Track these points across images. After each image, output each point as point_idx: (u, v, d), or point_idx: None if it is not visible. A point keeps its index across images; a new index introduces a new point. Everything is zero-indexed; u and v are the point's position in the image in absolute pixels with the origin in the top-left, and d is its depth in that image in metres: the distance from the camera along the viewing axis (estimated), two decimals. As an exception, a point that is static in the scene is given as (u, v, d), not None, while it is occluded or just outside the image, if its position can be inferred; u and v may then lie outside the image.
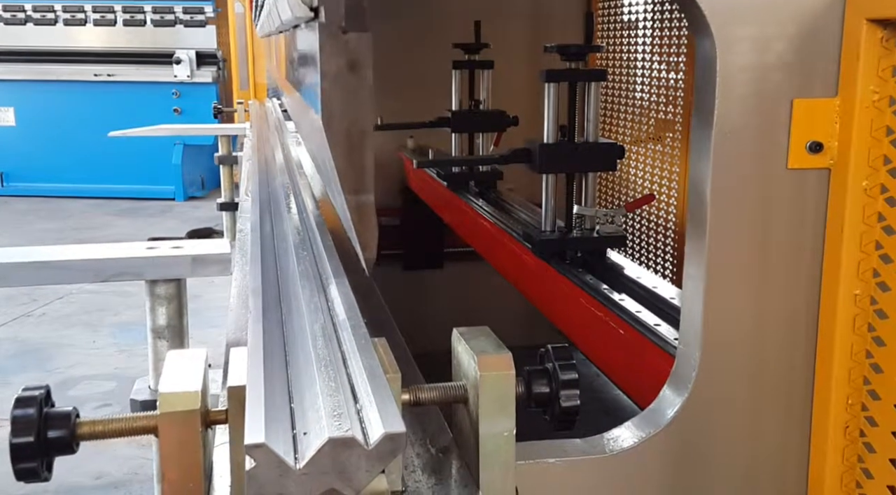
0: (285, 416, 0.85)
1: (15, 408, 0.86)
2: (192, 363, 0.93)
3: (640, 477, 1.24)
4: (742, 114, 1.19)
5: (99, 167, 10.19)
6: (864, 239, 1.18)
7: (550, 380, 0.99)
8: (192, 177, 10.38)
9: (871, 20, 1.12)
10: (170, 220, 9.21)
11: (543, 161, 2.17)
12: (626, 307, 1.89)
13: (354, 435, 0.77)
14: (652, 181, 3.30)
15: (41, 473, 0.87)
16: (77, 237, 8.31)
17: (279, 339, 1.06)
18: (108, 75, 10.10)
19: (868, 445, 1.20)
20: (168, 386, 0.87)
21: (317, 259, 1.36)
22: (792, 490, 1.27)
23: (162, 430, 0.85)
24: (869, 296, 1.18)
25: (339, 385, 0.90)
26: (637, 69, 3.42)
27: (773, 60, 1.18)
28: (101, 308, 5.84)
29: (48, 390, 0.89)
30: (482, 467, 0.96)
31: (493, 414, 0.95)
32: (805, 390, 1.25)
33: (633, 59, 3.45)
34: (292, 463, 0.76)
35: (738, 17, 1.16)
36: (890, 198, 1.15)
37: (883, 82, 1.14)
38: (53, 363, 4.97)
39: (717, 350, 1.24)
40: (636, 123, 3.44)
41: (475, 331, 1.02)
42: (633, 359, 1.82)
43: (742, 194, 1.21)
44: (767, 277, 1.23)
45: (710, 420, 1.25)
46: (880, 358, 1.17)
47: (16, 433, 0.85)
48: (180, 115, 10.11)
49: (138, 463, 3.80)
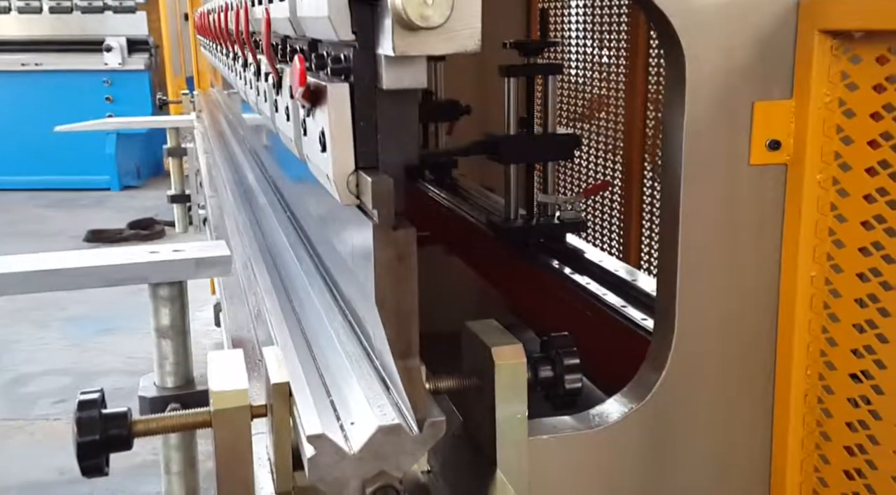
0: (329, 408, 0.94)
1: (78, 411, 0.93)
2: (233, 363, 1.01)
3: (625, 448, 1.37)
4: (709, 115, 1.31)
5: (31, 159, 9.96)
6: (819, 226, 1.32)
7: (554, 366, 1.11)
8: (126, 167, 10.23)
9: (822, 31, 1.25)
10: (106, 211, 9.07)
11: (508, 152, 2.27)
12: (591, 290, 2.01)
13: (401, 423, 0.87)
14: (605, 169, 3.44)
15: (103, 468, 0.95)
16: (17, 231, 8.15)
17: (301, 336, 1.15)
18: (35, 64, 9.85)
19: (825, 411, 1.34)
20: (219, 385, 0.95)
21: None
22: (759, 452, 1.41)
23: (216, 425, 0.94)
24: (824, 278, 1.32)
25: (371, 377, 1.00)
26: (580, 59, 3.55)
27: (735, 67, 1.30)
28: (48, 303, 5.77)
29: (103, 393, 0.97)
30: (499, 447, 1.07)
31: (507, 399, 1.05)
32: (769, 363, 1.39)
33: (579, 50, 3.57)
34: (347, 450, 0.86)
35: (705, 29, 1.27)
36: (841, 189, 1.29)
37: (833, 86, 1.28)
38: (3, 360, 4.92)
39: (690, 329, 1.36)
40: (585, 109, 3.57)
41: (485, 324, 1.12)
42: (600, 340, 1.94)
43: (710, 188, 1.34)
44: (734, 262, 1.36)
45: (685, 393, 1.38)
46: (835, 332, 1.31)
47: (81, 433, 0.92)
48: (113, 104, 9.93)
49: (101, 458, 3.82)
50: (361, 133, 0.89)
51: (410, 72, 0.84)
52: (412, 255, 0.86)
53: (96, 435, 0.92)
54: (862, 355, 1.28)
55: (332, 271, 1.23)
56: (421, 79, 0.85)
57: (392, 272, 0.86)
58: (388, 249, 0.85)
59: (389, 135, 0.89)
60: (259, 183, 2.07)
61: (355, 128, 0.89)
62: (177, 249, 1.47)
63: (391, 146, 0.90)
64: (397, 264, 0.86)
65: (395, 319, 0.87)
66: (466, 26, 0.78)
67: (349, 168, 0.90)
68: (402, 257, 0.86)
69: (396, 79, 0.84)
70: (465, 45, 0.79)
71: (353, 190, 0.90)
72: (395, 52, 0.77)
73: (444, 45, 0.78)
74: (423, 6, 0.74)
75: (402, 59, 0.82)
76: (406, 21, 0.75)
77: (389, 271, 0.86)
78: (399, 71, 0.84)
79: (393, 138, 0.90)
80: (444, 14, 0.75)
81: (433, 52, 0.79)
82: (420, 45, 0.78)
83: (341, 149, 0.89)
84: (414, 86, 0.85)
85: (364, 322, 1.00)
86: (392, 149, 0.90)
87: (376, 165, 0.90)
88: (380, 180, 0.85)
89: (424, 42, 0.77)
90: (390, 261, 0.86)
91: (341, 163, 0.89)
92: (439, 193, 3.11)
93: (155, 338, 1.57)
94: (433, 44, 0.78)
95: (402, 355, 0.89)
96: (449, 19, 0.76)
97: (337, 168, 0.89)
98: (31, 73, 9.88)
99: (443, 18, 0.75)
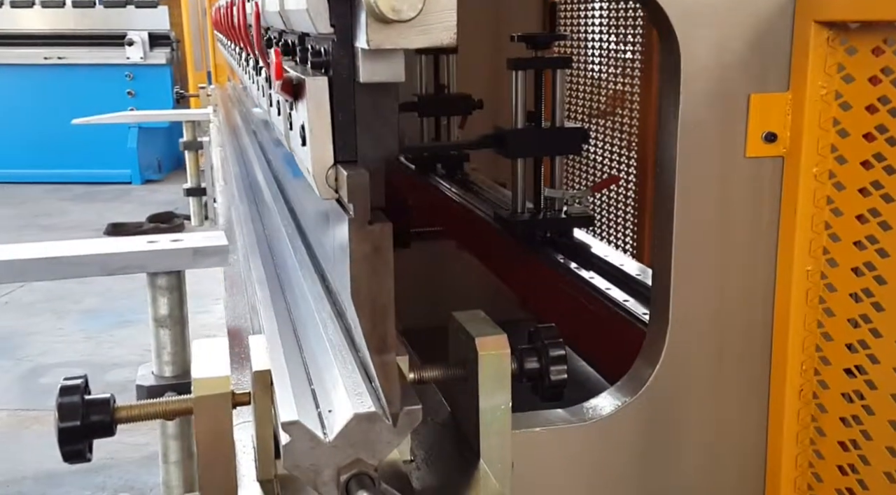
0: (309, 396, 0.95)
1: (60, 396, 0.94)
2: (217, 351, 1.02)
3: (618, 442, 1.36)
4: (704, 108, 1.30)
5: (53, 152, 10.06)
6: (815, 220, 1.30)
7: (540, 357, 1.10)
8: (148, 161, 10.31)
9: (818, 22, 1.24)
10: (127, 205, 9.15)
11: (515, 146, 2.27)
12: (595, 284, 2.01)
13: (377, 411, 0.87)
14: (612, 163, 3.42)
15: (85, 454, 0.95)
16: (39, 224, 8.24)
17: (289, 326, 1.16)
18: (58, 58, 9.95)
19: (820, 406, 1.33)
20: (200, 372, 0.96)
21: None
22: (754, 448, 1.40)
23: (197, 412, 0.94)
24: (819, 272, 1.31)
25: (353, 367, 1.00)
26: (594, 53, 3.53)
27: (731, 59, 1.29)
28: (65, 295, 5.84)
29: (86, 379, 0.98)
30: (482, 437, 1.07)
31: (491, 389, 1.05)
32: (764, 358, 1.38)
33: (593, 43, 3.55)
34: (322, 437, 0.86)
35: (700, 20, 1.26)
36: (838, 182, 1.27)
37: (829, 78, 1.26)
38: (23, 351, 4.98)
39: (684, 323, 1.36)
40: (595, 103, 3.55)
41: (472, 315, 1.12)
42: (602, 333, 1.94)
43: (705, 181, 1.33)
44: (729, 256, 1.35)
45: (679, 388, 1.38)
46: (830, 327, 1.30)
47: (62, 418, 0.93)
48: (134, 98, 10.01)
49: (115, 448, 3.86)
50: (340, 127, 0.89)
51: (387, 65, 0.84)
52: (388, 250, 0.86)
53: (78, 421, 0.93)
54: (856, 350, 1.27)
55: (321, 262, 1.23)
56: (398, 72, 0.85)
57: (368, 266, 0.86)
58: (363, 244, 0.85)
59: (368, 128, 0.89)
60: (265, 176, 2.08)
61: (334, 122, 0.89)
62: (175, 239, 1.48)
63: (369, 140, 0.90)
64: (373, 258, 0.86)
65: (371, 313, 0.88)
66: (441, 20, 0.78)
67: (328, 162, 0.90)
68: (378, 251, 0.86)
69: (373, 72, 0.85)
70: (440, 38, 0.79)
71: (332, 184, 0.90)
72: (370, 46, 0.78)
73: (418, 38, 0.78)
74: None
75: (378, 53, 0.82)
76: (378, 14, 0.75)
77: (365, 266, 0.86)
78: (376, 64, 0.84)
79: (371, 132, 0.90)
80: (416, 7, 0.75)
81: (408, 46, 0.79)
82: (395, 38, 0.78)
83: (320, 142, 0.89)
84: (391, 79, 0.85)
85: (346, 313, 1.01)
86: (370, 144, 0.90)
87: (356, 159, 0.90)
88: (355, 174, 0.85)
89: (399, 35, 0.78)
90: (366, 255, 0.86)
91: (320, 157, 0.89)
92: (450, 188, 3.10)
93: (153, 328, 1.58)
94: (408, 37, 0.78)
95: (378, 349, 0.89)
96: (421, 12, 0.76)
97: (316, 162, 0.89)
98: (55, 66, 9.98)
99: (414, 11, 0.75)
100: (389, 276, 0.87)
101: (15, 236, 7.66)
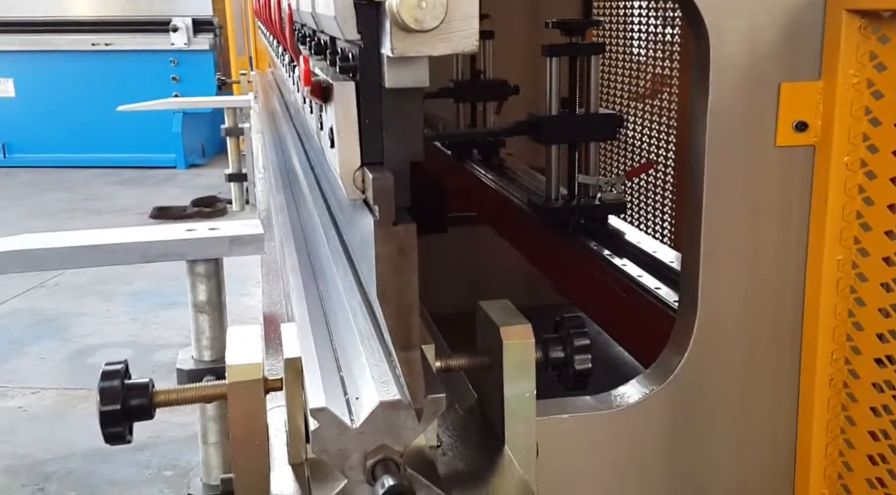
0: (337, 383, 0.97)
1: (101, 381, 0.98)
2: (250, 338, 1.05)
3: (644, 430, 1.38)
4: (734, 97, 1.30)
5: (100, 137, 10.24)
6: (846, 209, 1.30)
7: (565, 346, 1.12)
8: (192, 146, 10.44)
9: (850, 10, 1.23)
10: (173, 189, 9.29)
11: (549, 132, 2.27)
12: (627, 271, 2.01)
13: (402, 398, 0.90)
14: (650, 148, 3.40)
15: (125, 436, 1.00)
16: (88, 207, 8.41)
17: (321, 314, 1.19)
18: (105, 44, 10.11)
19: (851, 395, 1.33)
20: (234, 359, 0.99)
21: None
22: (783, 438, 1.41)
23: (231, 397, 0.98)
24: (851, 261, 1.30)
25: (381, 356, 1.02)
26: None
27: (761, 48, 1.28)
28: (113, 278, 5.96)
29: (127, 364, 1.02)
30: (507, 424, 1.09)
31: (516, 377, 1.07)
32: (794, 347, 1.38)
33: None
34: (349, 423, 0.89)
35: (730, 10, 1.26)
36: (869, 171, 1.26)
37: (861, 66, 1.25)
38: (70, 332, 5.11)
39: (713, 312, 1.36)
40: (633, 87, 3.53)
41: (497, 304, 1.14)
42: (635, 320, 1.95)
43: (735, 170, 1.33)
44: (758, 245, 1.35)
45: (707, 376, 1.38)
46: (861, 317, 1.30)
47: (103, 402, 0.97)
48: (178, 83, 10.14)
49: (160, 428, 3.95)
50: (367, 130, 0.91)
51: (412, 71, 0.86)
52: (413, 250, 0.88)
53: (118, 405, 0.97)
54: (887, 340, 1.26)
55: (352, 253, 1.26)
56: (423, 78, 0.87)
57: (392, 266, 0.88)
58: (388, 244, 0.87)
59: (394, 132, 0.91)
60: (301, 165, 2.12)
61: (361, 126, 0.91)
62: (212, 227, 1.52)
63: (395, 143, 0.92)
64: (398, 258, 0.87)
65: (396, 312, 0.90)
66: (462, 28, 0.80)
67: (355, 164, 0.92)
68: (403, 252, 0.87)
69: (398, 78, 0.86)
70: (461, 45, 0.80)
71: (358, 185, 0.92)
72: (394, 54, 0.79)
73: (440, 46, 0.80)
74: (417, 10, 0.76)
75: (403, 60, 0.84)
76: (402, 24, 0.77)
77: (390, 265, 0.88)
78: (401, 70, 0.86)
79: (397, 135, 0.92)
80: (438, 17, 0.77)
81: (431, 53, 0.81)
82: (417, 46, 0.80)
83: (348, 145, 0.91)
84: (416, 85, 0.87)
85: (373, 304, 1.03)
86: (396, 147, 0.92)
87: (382, 162, 0.92)
88: (381, 177, 0.87)
89: (422, 43, 0.79)
90: (391, 255, 0.87)
91: (347, 159, 0.91)
92: (485, 173, 3.12)
93: (192, 313, 1.63)
94: (430, 44, 0.80)
95: (402, 347, 0.91)
96: (444, 22, 0.78)
97: (343, 164, 0.92)
98: (102, 52, 10.14)
99: (436, 21, 0.77)
100: (414, 275, 0.89)
101: (66, 218, 7.84)
